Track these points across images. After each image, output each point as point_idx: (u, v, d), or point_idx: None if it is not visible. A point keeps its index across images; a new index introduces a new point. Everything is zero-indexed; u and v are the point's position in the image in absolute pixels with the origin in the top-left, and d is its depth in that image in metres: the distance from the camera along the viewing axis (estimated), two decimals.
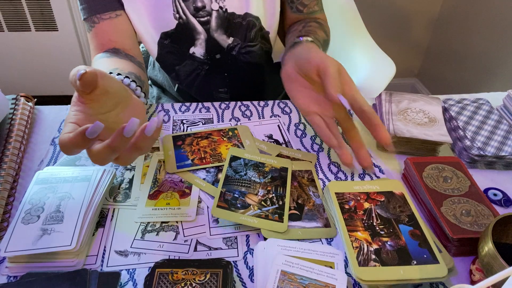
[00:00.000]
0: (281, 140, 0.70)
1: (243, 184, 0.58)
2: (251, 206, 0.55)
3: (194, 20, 0.76)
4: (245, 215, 0.54)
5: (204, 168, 0.63)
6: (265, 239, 0.52)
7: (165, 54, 0.81)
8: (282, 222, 0.54)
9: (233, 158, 0.63)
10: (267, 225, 0.53)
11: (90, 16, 0.73)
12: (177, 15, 0.75)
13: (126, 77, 0.60)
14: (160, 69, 0.93)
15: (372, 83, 0.98)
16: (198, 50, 0.80)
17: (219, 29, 0.78)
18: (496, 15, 1.69)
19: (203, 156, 0.65)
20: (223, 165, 0.62)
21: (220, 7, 0.75)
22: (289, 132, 0.72)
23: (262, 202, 0.56)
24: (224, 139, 0.69)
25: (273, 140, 0.70)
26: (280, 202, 0.56)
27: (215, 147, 0.67)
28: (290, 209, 0.56)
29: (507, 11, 1.63)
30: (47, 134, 0.69)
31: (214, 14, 0.76)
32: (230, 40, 0.80)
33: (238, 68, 0.84)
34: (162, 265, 0.46)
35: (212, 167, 0.63)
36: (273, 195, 0.57)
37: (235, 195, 0.57)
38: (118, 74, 0.60)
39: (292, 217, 0.55)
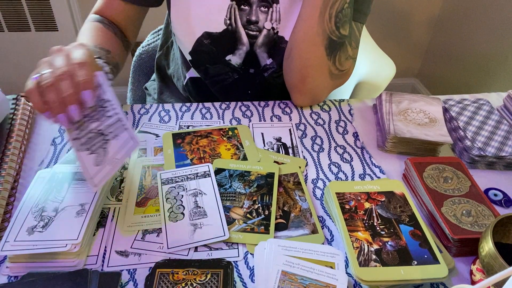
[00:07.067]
0: (288, 144, 0.69)
1: (227, 198, 0.58)
2: (236, 220, 0.55)
3: (242, 31, 0.76)
4: (230, 231, 0.53)
5: None
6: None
7: (199, 51, 0.80)
8: (268, 233, 0.53)
9: (218, 171, 0.62)
10: (253, 239, 0.52)
11: None
12: (228, 21, 0.75)
13: (105, 62, 0.64)
14: (173, 58, 0.92)
15: (372, 83, 0.98)
16: (235, 59, 0.80)
17: (263, 46, 0.78)
18: (496, 15, 1.69)
19: (202, 156, 0.65)
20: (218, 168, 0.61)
21: (273, 28, 0.76)
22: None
23: (248, 215, 0.55)
24: (224, 138, 0.68)
25: (281, 143, 0.69)
26: (266, 212, 0.56)
27: (214, 147, 0.66)
28: (276, 218, 0.55)
29: (507, 11, 1.63)
30: (47, 134, 0.69)
31: (264, 32, 0.76)
32: (269, 61, 0.80)
33: (262, 88, 0.84)
34: (163, 265, 0.46)
35: None
36: (259, 205, 0.57)
37: None
38: (99, 58, 0.63)
39: (278, 227, 0.54)
